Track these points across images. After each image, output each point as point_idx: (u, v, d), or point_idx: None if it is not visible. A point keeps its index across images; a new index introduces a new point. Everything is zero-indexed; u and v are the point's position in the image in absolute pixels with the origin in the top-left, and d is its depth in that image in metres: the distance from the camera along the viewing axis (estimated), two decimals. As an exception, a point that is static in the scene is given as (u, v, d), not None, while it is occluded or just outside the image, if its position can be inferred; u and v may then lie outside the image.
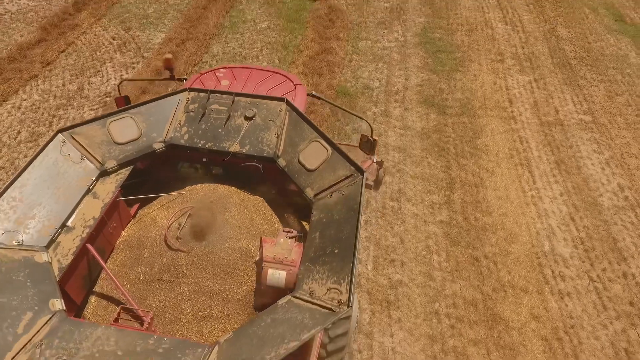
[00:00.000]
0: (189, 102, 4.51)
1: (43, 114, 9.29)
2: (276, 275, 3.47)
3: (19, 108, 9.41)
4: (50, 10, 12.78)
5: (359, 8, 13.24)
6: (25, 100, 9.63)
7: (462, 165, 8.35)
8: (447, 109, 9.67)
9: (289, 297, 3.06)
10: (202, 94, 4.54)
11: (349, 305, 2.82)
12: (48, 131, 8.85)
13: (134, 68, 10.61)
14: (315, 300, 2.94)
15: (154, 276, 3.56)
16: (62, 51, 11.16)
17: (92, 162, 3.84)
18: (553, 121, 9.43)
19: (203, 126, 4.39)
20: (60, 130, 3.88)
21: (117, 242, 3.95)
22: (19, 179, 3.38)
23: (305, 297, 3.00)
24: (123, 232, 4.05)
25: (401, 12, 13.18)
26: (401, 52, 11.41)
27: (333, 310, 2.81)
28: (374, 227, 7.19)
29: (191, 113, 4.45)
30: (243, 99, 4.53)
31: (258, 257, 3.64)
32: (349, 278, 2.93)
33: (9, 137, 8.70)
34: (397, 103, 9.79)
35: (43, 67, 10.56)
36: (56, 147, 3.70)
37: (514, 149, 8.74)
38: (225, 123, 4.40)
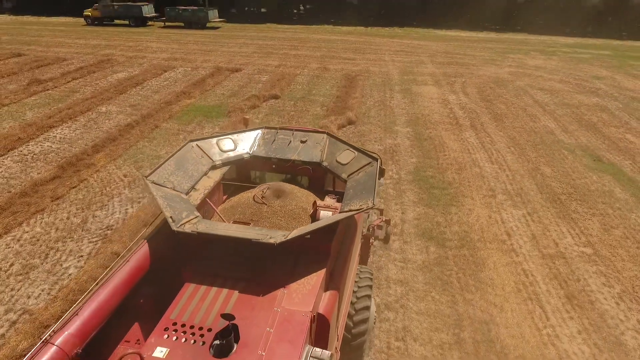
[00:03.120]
0: (265, 134, 7.25)
1: (41, 246, 9.25)
2: (326, 214, 5.40)
3: (19, 240, 9.41)
4: (70, 152, 13.84)
5: (355, 150, 14.36)
6: (26, 232, 9.70)
7: (468, 300, 7.96)
8: (446, 241, 9.68)
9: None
10: (272, 130, 7.32)
11: (373, 205, 4.93)
12: (42, 264, 8.69)
13: (139, 202, 10.98)
14: (353, 207, 5.09)
15: (246, 218, 5.49)
16: (74, 187, 11.70)
17: (207, 159, 6.49)
18: (555, 254, 9.35)
19: (273, 146, 7.01)
20: (191, 140, 6.57)
21: (218, 208, 5.99)
22: (170, 159, 5.95)
23: (346, 209, 5.18)
24: (221, 205, 6.16)
25: (394, 153, 14.28)
26: (396, 189, 11.96)
27: (365, 208, 4.91)
28: (379, 371, 6.48)
29: (266, 138, 7.16)
30: (301, 132, 7.33)
31: (312, 211, 5.63)
32: (373, 197, 5.03)
33: None
34: (395, 236, 9.84)
35: (52, 201, 10.93)
36: (188, 148, 6.39)
37: (520, 283, 8.45)
38: (288, 145, 7.03)
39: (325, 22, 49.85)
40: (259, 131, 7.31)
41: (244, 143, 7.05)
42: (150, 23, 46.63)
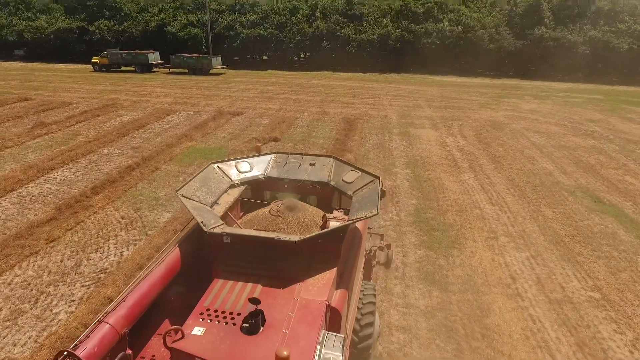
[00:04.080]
0: (277, 158, 8.26)
1: (32, 290, 8.97)
2: (335, 224, 6.01)
3: (9, 284, 9.14)
4: (69, 194, 13.80)
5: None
6: (18, 276, 9.45)
7: (474, 349, 7.59)
8: (449, 285, 9.41)
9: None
10: (284, 155, 8.35)
11: (378, 212, 5.63)
12: (31, 309, 8.39)
13: (135, 245, 10.79)
14: (359, 215, 5.84)
15: (263, 229, 6.18)
16: (70, 229, 11.55)
17: (227, 179, 7.42)
18: (562, 298, 9.05)
19: (285, 169, 7.98)
20: (212, 162, 7.55)
21: (239, 221, 6.80)
22: (195, 178, 6.81)
23: (353, 217, 5.92)
24: (240, 220, 6.99)
25: (394, 194, 14.24)
26: (397, 230, 11.81)
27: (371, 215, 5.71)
28: None
29: (278, 162, 8.15)
30: (309, 156, 8.35)
31: (322, 222, 6.26)
32: (377, 207, 5.74)
33: (-13, 315, 8.19)
34: (397, 280, 9.58)
35: (47, 243, 10.75)
36: (210, 169, 7.33)
37: (527, 329, 8.11)
38: (298, 167, 8.00)
39: (325, 69, 51.62)
40: (272, 156, 8.35)
41: (259, 166, 8.02)
42: (155, 69, 48.26)
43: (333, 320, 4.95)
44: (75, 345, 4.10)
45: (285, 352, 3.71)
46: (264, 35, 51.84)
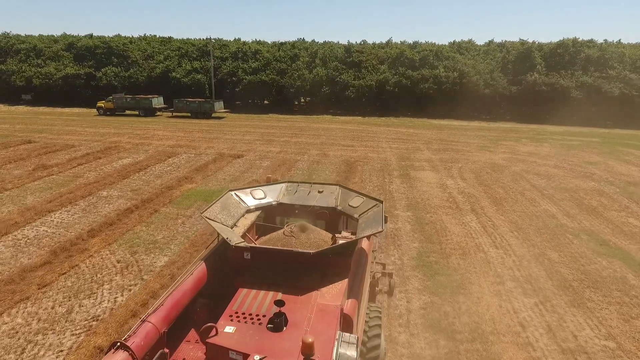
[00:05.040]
0: (288, 186, 9.16)
1: (19, 339, 8.55)
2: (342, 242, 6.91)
3: (-4, 333, 8.73)
4: (65, 236, 13.56)
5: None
6: (6, 323, 9.04)
7: (486, 404, 7.10)
8: (456, 334, 8.99)
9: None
10: (294, 184, 9.28)
11: (382, 229, 6.43)
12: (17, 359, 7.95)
13: (130, 290, 10.43)
14: (366, 233, 6.82)
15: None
16: (64, 273, 11.22)
17: (243, 205, 8.29)
18: (575, 348, 8.62)
19: (296, 196, 8.82)
20: (230, 190, 8.49)
21: (255, 242, 7.47)
22: (216, 203, 7.65)
23: (361, 235, 6.88)
24: (256, 241, 7.74)
25: (395, 237, 14.00)
26: (400, 275, 11.48)
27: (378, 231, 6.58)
28: None
29: (289, 190, 9.02)
30: (317, 185, 9.38)
31: (332, 242, 6.94)
32: (382, 225, 6.49)
33: (-31, 367, 7.74)
34: (401, 328, 9.17)
35: (38, 289, 10.40)
36: (228, 196, 8.19)
37: (541, 382, 7.64)
38: (308, 194, 8.87)
39: (325, 113, 52.75)
40: (284, 184, 9.29)
41: (272, 193, 8.90)
42: (158, 113, 49.28)
43: (346, 325, 5.52)
44: (125, 339, 4.80)
45: (310, 339, 4.34)
46: (266, 81, 53.43)
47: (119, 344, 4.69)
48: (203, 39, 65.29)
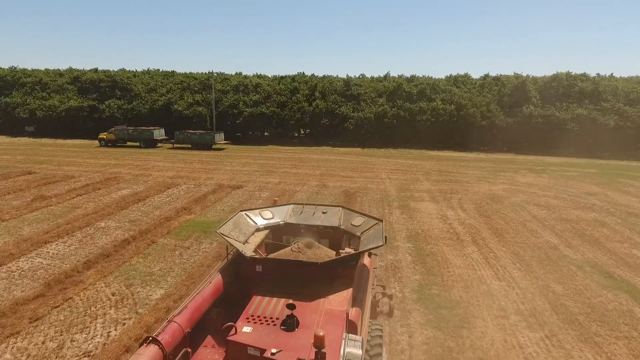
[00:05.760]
0: (294, 208, 9.87)
1: (6, 377, 8.21)
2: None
3: (-18, 370, 8.41)
4: (60, 268, 13.33)
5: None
6: (-7, 360, 8.72)
7: None
8: (460, 370, 8.66)
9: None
10: (300, 205, 9.92)
11: (382, 243, 7.21)
12: (2, 399, 7.59)
13: (124, 324, 10.13)
14: (368, 247, 7.63)
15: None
16: (57, 306, 10.94)
17: (253, 224, 8.95)
18: (584, 386, 8.28)
19: (302, 216, 9.48)
20: (242, 210, 9.14)
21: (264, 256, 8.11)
22: (229, 222, 8.39)
23: (363, 249, 7.75)
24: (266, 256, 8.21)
25: (396, 269, 13.77)
26: (401, 308, 11.20)
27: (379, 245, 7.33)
28: None
29: (295, 211, 9.72)
30: (321, 206, 10.00)
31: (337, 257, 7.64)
32: (382, 239, 7.29)
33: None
34: (404, 364, 8.85)
35: (30, 322, 10.10)
36: (240, 216, 8.88)
37: (551, 423, 7.28)
38: (312, 215, 9.50)
39: (324, 144, 53.28)
40: (290, 206, 10.02)
41: (279, 214, 9.58)
42: (159, 145, 49.73)
43: (350, 329, 5.95)
44: (155, 334, 5.40)
45: (321, 332, 4.86)
46: (266, 113, 54.28)
47: (150, 338, 5.27)
48: (205, 73, 66.88)
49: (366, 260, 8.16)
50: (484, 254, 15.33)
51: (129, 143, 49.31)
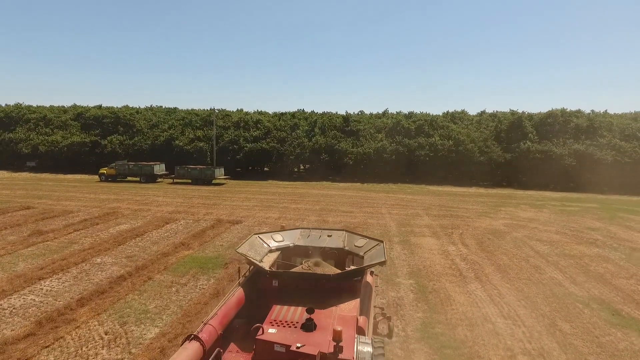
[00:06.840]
0: (302, 232, 10.91)
1: (-11, 423, 7.77)
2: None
3: (-36, 415, 7.97)
4: (53, 306, 12.96)
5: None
6: (-24, 405, 8.29)
7: None
8: (468, 416, 8.21)
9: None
10: (307, 229, 11.04)
11: (384, 259, 8.40)
12: None
13: (116, 365, 9.72)
14: (372, 263, 8.84)
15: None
16: (47, 346, 10.54)
17: (266, 246, 9.97)
18: None
19: (309, 239, 10.53)
20: (255, 233, 10.29)
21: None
22: (245, 243, 9.44)
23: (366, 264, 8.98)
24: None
25: (398, 307, 13.40)
26: (404, 348, 10.80)
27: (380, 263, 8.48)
28: None
29: (303, 234, 10.79)
30: (327, 230, 11.16)
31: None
32: (384, 256, 8.51)
33: None
34: (408, 408, 8.41)
35: (17, 364, 9.69)
36: (254, 239, 9.91)
37: None
38: (319, 238, 10.61)
39: (324, 179, 53.45)
40: (299, 230, 11.15)
41: (289, 237, 10.65)
42: (159, 180, 49.87)
43: (360, 334, 6.66)
44: (197, 332, 6.29)
45: (339, 328, 5.83)
46: (266, 149, 54.83)
47: (193, 336, 6.19)
48: (207, 110, 68.19)
49: (369, 278, 9.27)
50: (487, 291, 14.98)
51: (129, 178, 49.45)
